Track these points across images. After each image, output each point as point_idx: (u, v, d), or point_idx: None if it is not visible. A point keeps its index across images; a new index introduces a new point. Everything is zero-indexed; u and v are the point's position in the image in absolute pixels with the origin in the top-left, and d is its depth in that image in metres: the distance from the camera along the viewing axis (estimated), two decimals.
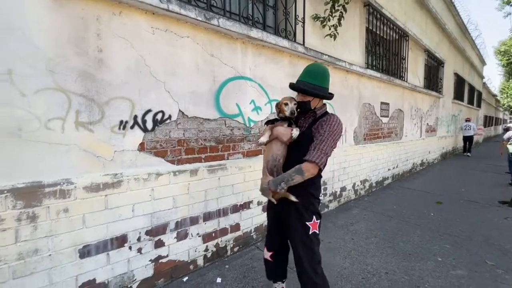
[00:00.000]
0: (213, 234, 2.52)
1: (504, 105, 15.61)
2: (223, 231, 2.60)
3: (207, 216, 2.46)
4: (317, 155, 1.43)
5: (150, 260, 2.10)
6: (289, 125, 1.66)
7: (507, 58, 13.70)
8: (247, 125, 2.77)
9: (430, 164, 8.38)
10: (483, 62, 16.38)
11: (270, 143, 1.66)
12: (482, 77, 16.77)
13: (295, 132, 1.56)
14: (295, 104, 1.64)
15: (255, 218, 2.90)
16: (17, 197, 1.52)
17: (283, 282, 1.95)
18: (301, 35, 3.29)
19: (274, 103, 3.04)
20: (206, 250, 2.47)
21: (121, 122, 1.91)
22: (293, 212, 1.59)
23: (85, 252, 1.78)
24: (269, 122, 1.74)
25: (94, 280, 1.83)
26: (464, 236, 3.19)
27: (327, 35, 3.61)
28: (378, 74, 4.85)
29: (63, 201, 1.67)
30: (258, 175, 2.86)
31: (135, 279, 2.03)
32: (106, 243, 1.86)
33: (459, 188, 5.48)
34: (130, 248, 1.99)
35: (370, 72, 4.60)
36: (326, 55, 3.55)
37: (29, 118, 1.55)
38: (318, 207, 1.65)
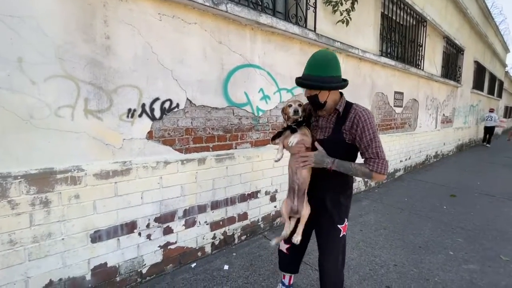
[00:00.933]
0: (221, 223, 2.55)
1: None
2: (231, 220, 2.63)
3: (215, 205, 2.48)
4: (383, 166, 1.35)
5: (159, 246, 2.15)
6: (293, 131, 1.48)
7: None
8: (256, 114, 2.73)
9: (445, 156, 8.13)
10: (507, 49, 15.48)
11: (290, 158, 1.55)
12: (504, 66, 15.90)
13: (292, 139, 1.42)
14: (299, 104, 1.49)
15: (263, 208, 2.91)
16: (30, 182, 1.56)
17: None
18: (313, 21, 3.17)
19: (283, 92, 2.98)
20: (214, 238, 2.51)
21: (129, 110, 1.91)
22: (326, 213, 1.51)
23: (96, 237, 1.83)
24: (277, 136, 1.61)
25: (106, 263, 1.89)
26: (478, 230, 3.10)
27: (339, 21, 3.47)
28: (392, 62, 4.66)
29: (74, 188, 1.71)
30: (266, 165, 2.85)
31: (145, 264, 2.09)
32: (116, 229, 1.91)
33: (474, 181, 5.31)
34: (139, 234, 2.03)
35: (384, 60, 4.42)
36: (338, 41, 3.42)
37: (40, 106, 1.57)
38: (349, 209, 1.58)
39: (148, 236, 2.08)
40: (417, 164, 6.37)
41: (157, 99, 2.04)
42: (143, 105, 1.97)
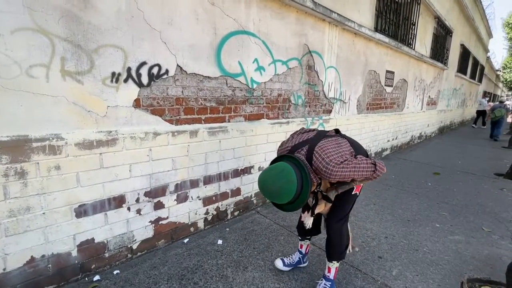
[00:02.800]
0: (214, 198, 2.47)
1: (506, 80, 15.31)
2: (224, 195, 2.55)
3: (208, 180, 2.38)
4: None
5: (149, 222, 2.05)
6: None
7: None
8: (250, 86, 2.59)
9: (427, 137, 8.39)
10: (490, 35, 15.81)
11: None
12: (487, 51, 16.31)
13: (306, 221, 1.54)
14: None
15: (256, 184, 2.85)
16: (2, 150, 1.38)
17: (310, 240, 1.91)
18: None
19: (278, 64, 2.84)
20: (207, 213, 2.44)
21: (113, 74, 1.72)
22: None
23: (81, 211, 1.70)
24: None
25: (93, 239, 1.77)
26: (461, 205, 3.23)
27: None
28: (386, 39, 4.57)
29: (54, 158, 1.54)
30: (260, 139, 2.76)
31: (135, 240, 1.99)
32: (103, 203, 1.78)
33: (456, 161, 5.52)
34: (128, 209, 1.92)
35: (379, 36, 4.32)
36: (335, 13, 3.26)
37: (8, 63, 1.36)
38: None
39: (138, 211, 1.97)
40: (402, 144, 6.53)
41: (144, 63, 1.85)
42: (129, 69, 1.78)
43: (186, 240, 2.26)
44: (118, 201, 1.86)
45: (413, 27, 5.66)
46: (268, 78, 2.76)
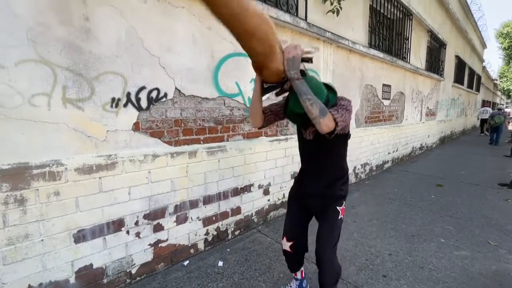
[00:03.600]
0: (214, 218, 2.45)
1: (503, 89, 15.46)
2: (224, 215, 2.54)
3: (207, 200, 2.38)
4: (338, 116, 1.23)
5: (149, 245, 2.03)
6: None
7: (509, 40, 13.43)
8: (247, 105, 2.64)
9: (429, 148, 8.37)
10: (484, 45, 16.13)
11: None
12: (482, 61, 16.56)
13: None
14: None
15: (256, 202, 2.84)
16: (2, 179, 1.40)
17: (301, 267, 1.81)
18: (303, 9, 3.09)
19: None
20: (207, 233, 2.41)
21: (113, 99, 1.77)
22: (325, 198, 1.54)
23: (80, 236, 1.69)
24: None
25: (91, 265, 1.75)
26: (466, 218, 3.17)
27: (329, 11, 3.41)
28: (381, 55, 4.68)
29: (54, 184, 1.56)
30: (259, 157, 2.78)
31: (134, 264, 1.97)
32: (102, 228, 1.78)
33: (458, 171, 5.48)
34: (127, 232, 1.90)
35: (373, 52, 4.43)
36: (329, 32, 3.37)
37: (11, 94, 1.41)
38: (346, 190, 1.58)
39: (137, 234, 1.96)
40: (404, 156, 6.51)
41: (143, 88, 1.90)
42: (128, 94, 1.84)
43: (186, 263, 2.23)
44: (117, 225, 1.85)
45: (407, 41, 5.80)
46: (266, 97, 2.81)
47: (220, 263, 2.22)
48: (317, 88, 1.27)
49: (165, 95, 2.03)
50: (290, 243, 1.63)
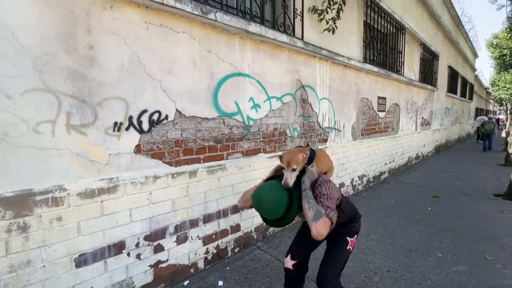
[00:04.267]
0: (213, 236, 2.46)
1: (496, 97, 15.83)
2: (224, 233, 2.55)
3: (207, 218, 2.40)
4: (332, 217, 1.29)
5: (149, 266, 2.03)
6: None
7: (499, 50, 13.81)
8: (246, 123, 2.69)
9: (424, 157, 8.46)
10: (475, 55, 16.52)
11: None
12: (474, 70, 16.94)
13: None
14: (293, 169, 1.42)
15: (255, 218, 2.85)
16: (6, 206, 1.42)
17: None
18: (300, 29, 3.19)
19: (273, 100, 2.97)
20: (207, 252, 2.42)
21: (116, 123, 1.81)
22: (338, 232, 1.55)
23: (81, 261, 1.70)
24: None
25: None
26: (462, 231, 3.22)
27: (325, 30, 3.52)
28: (375, 69, 4.80)
29: (56, 209, 1.58)
30: (258, 174, 2.81)
31: (135, 286, 1.96)
32: (103, 251, 1.79)
33: (453, 182, 5.54)
34: (128, 254, 1.91)
35: (368, 66, 4.55)
36: (324, 49, 3.47)
37: (16, 122, 1.44)
38: (359, 226, 1.66)
39: (138, 256, 1.96)
40: (400, 166, 6.58)
41: (145, 111, 1.95)
42: (130, 118, 1.88)
43: (186, 283, 2.23)
44: (118, 247, 1.86)
45: (400, 55, 5.95)
46: (264, 114, 2.88)
47: (220, 283, 2.23)
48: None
49: (166, 117, 2.07)
50: (293, 262, 1.66)
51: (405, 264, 2.51)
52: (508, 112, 14.66)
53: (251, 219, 2.81)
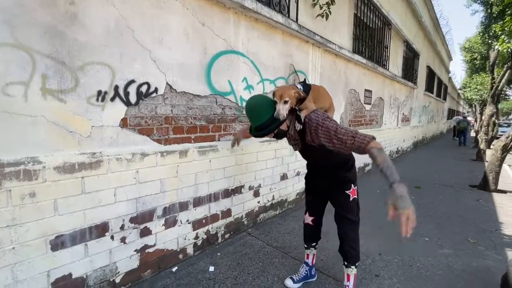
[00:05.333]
0: (204, 221, 2.34)
1: (467, 98, 16.85)
2: (214, 217, 2.43)
3: (197, 202, 2.27)
4: (363, 138, 1.27)
5: (135, 250, 1.88)
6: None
7: (471, 54, 14.66)
8: (239, 105, 2.58)
9: (404, 152, 8.78)
10: (450, 58, 17.42)
11: None
12: (448, 72, 17.87)
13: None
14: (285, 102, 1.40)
15: (247, 204, 2.76)
16: None
17: (315, 248, 1.97)
18: (295, 12, 3.11)
19: (266, 83, 2.87)
20: (196, 237, 2.29)
21: (100, 92, 1.63)
22: (333, 186, 1.70)
23: (58, 243, 1.51)
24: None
25: (70, 275, 1.58)
26: (445, 217, 3.33)
27: (318, 15, 3.47)
28: (364, 60, 4.85)
29: (29, 184, 1.39)
30: (250, 158, 2.72)
31: (119, 272, 1.80)
32: (83, 233, 1.61)
33: (432, 174, 5.78)
34: (112, 237, 1.75)
35: (357, 57, 4.58)
36: (318, 35, 3.42)
37: None
38: (355, 177, 1.74)
39: (123, 240, 1.80)
40: None
41: (132, 81, 1.78)
42: (116, 88, 1.70)
43: (174, 269, 2.09)
44: (101, 229, 1.69)
45: (386, 49, 6.08)
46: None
47: (211, 268, 2.12)
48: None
49: (156, 90, 1.91)
50: (311, 218, 1.89)
51: (395, 248, 2.54)
52: (477, 113, 15.64)
53: (242, 205, 2.72)
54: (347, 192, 1.68)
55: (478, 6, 8.39)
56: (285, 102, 1.37)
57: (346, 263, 1.76)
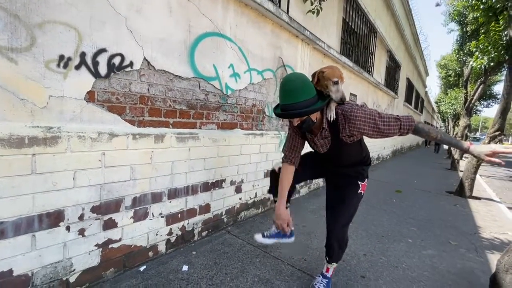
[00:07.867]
0: (179, 215, 2.12)
1: (442, 112, 17.79)
2: (191, 212, 2.22)
3: (173, 193, 2.05)
4: (408, 122, 1.28)
5: (96, 245, 1.63)
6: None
7: (446, 71, 15.51)
8: (224, 92, 2.41)
9: (384, 159, 8.98)
10: (427, 73, 18.37)
11: None
12: (425, 86, 18.81)
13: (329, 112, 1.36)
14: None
15: (227, 199, 2.57)
16: None
17: (289, 202, 1.67)
18: (286, 4, 3.02)
19: (254, 73, 2.73)
20: (170, 233, 2.07)
21: (62, 57, 1.40)
22: (347, 176, 1.58)
23: None
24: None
25: (10, 271, 1.31)
26: (426, 220, 3.32)
27: (309, 11, 3.41)
28: (350, 63, 4.87)
29: None
30: (233, 150, 2.55)
31: (74, 270, 1.54)
32: (31, 221, 1.35)
33: (412, 180, 5.90)
34: (67, 228, 1.49)
35: (344, 59, 4.58)
36: (308, 31, 3.35)
37: None
38: (367, 172, 1.64)
39: (81, 232, 1.55)
40: None
41: (103, 50, 1.56)
42: (83, 55, 1.48)
43: (142, 268, 1.85)
44: (54, 218, 1.43)
45: (371, 56, 6.20)
46: (243, 86, 2.62)
47: (185, 268, 1.90)
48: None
49: (131, 64, 1.70)
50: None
51: (380, 249, 2.45)
52: (450, 126, 16.50)
53: (223, 200, 2.52)
54: (360, 183, 1.57)
55: (454, 25, 8.88)
56: (336, 83, 1.27)
57: (327, 259, 1.72)
